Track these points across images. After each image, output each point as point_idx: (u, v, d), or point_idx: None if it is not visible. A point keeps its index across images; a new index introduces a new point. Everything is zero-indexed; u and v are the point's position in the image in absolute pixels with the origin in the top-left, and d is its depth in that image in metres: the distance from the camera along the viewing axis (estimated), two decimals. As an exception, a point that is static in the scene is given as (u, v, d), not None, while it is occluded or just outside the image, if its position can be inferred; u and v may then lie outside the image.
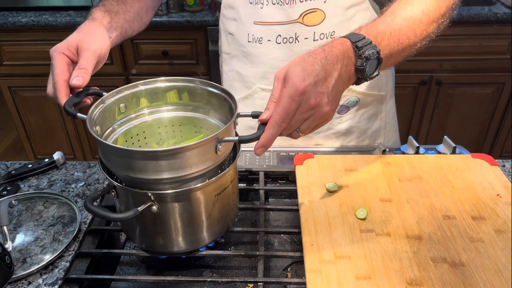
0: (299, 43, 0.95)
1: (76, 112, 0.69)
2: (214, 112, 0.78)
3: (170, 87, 0.78)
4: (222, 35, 1.06)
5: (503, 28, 1.92)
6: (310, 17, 0.92)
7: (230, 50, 1.05)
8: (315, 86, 0.62)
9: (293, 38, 0.94)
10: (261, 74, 1.01)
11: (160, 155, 0.61)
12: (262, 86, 1.03)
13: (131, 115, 0.78)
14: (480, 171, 0.83)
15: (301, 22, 0.92)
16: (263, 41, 0.97)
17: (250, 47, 0.99)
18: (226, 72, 1.09)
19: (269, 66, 0.99)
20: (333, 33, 0.94)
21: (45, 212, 0.80)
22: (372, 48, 0.67)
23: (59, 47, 0.75)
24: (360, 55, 0.67)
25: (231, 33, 1.02)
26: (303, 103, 0.62)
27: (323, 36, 0.94)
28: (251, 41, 0.98)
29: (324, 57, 0.65)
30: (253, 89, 1.04)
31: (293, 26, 0.93)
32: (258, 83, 1.03)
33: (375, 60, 0.68)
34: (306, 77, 0.61)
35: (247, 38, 0.98)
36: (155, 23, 1.94)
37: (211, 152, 0.63)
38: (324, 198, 0.77)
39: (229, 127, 0.65)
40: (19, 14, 2.02)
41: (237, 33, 1.00)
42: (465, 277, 0.62)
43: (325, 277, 0.62)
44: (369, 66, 0.68)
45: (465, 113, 2.17)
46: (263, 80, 1.02)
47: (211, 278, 0.69)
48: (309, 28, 0.94)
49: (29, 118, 2.26)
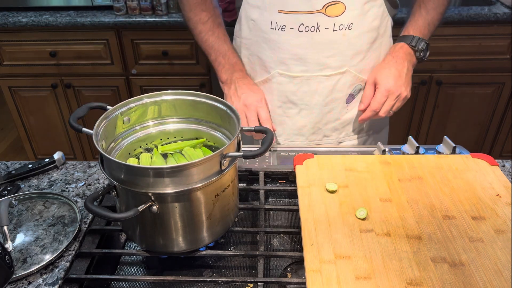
0: (320, 32, 1.00)
1: (81, 127, 0.71)
2: (217, 126, 0.80)
3: (174, 100, 0.79)
4: (243, 21, 1.10)
5: (503, 28, 1.92)
6: (332, 9, 0.98)
7: (250, 35, 1.09)
8: (395, 83, 1.02)
9: (315, 27, 1.00)
10: (280, 60, 1.06)
11: (165, 172, 0.62)
12: (280, 71, 1.07)
13: (136, 127, 0.79)
14: (480, 171, 0.83)
15: (323, 12, 0.98)
16: (286, 29, 1.02)
17: (272, 34, 1.04)
18: (246, 56, 1.13)
19: (289, 53, 1.04)
20: (351, 25, 1.01)
21: (45, 212, 0.80)
22: (421, 41, 1.06)
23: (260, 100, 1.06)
24: (416, 50, 1.07)
25: (253, 19, 1.06)
26: (390, 96, 1.02)
27: (342, 27, 1.00)
28: (273, 28, 1.03)
29: (395, 62, 1.05)
30: (271, 74, 1.08)
31: (316, 16, 0.99)
32: (277, 68, 1.07)
33: (426, 47, 1.07)
34: (389, 80, 1.02)
35: (270, 25, 1.03)
36: (155, 23, 1.94)
37: (216, 167, 0.65)
38: (324, 198, 0.77)
39: (233, 142, 0.67)
40: (19, 14, 2.02)
41: (260, 20, 1.05)
42: (465, 277, 0.62)
43: (325, 277, 0.62)
44: (423, 52, 1.07)
45: (465, 113, 2.17)
46: (282, 66, 1.06)
47: (211, 278, 0.69)
48: (330, 19, 0.99)
49: (29, 118, 2.26)
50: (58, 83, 2.13)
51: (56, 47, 2.04)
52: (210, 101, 0.77)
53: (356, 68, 1.06)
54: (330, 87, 1.06)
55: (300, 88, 1.06)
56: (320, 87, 1.06)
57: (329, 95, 1.07)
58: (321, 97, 1.07)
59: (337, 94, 1.07)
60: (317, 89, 1.06)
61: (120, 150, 0.77)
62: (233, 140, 0.67)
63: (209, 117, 0.80)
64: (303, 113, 1.10)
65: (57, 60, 2.07)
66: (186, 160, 0.77)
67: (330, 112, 1.10)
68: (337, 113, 1.10)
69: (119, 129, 0.76)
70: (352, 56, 1.04)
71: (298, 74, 1.05)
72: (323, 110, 1.09)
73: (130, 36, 2.01)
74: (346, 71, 1.05)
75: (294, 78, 1.06)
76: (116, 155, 0.76)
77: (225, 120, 0.77)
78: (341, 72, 1.05)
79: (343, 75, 1.05)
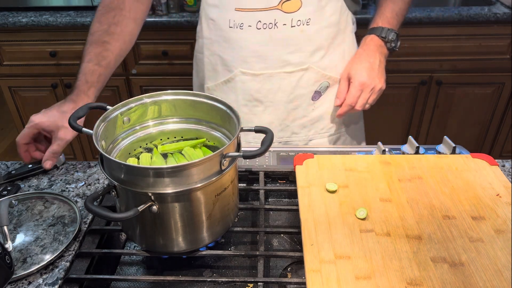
0: (278, 29, 1.01)
1: (81, 127, 0.71)
2: (217, 126, 0.80)
3: (174, 100, 0.79)
4: (203, 21, 1.10)
5: (503, 28, 1.92)
6: (288, 5, 0.99)
7: (211, 35, 1.09)
8: (368, 76, 1.02)
9: (272, 24, 1.00)
10: (241, 58, 1.06)
11: (165, 172, 0.62)
12: (242, 69, 1.07)
13: (136, 127, 0.79)
14: (480, 171, 0.83)
15: (279, 9, 0.99)
16: (244, 27, 1.02)
17: (231, 32, 1.04)
18: (207, 56, 1.13)
19: (249, 51, 1.04)
20: (309, 20, 1.01)
21: (45, 212, 0.80)
22: (391, 32, 1.06)
23: (39, 122, 0.90)
24: (387, 41, 1.07)
25: (212, 19, 1.06)
26: (365, 89, 1.02)
27: (300, 22, 1.01)
28: (232, 26, 1.03)
29: (366, 55, 1.05)
30: (234, 73, 1.08)
31: (272, 12, 0.99)
32: (239, 67, 1.07)
33: (396, 37, 1.07)
34: (362, 74, 1.02)
35: (228, 23, 1.03)
36: (155, 23, 1.94)
37: (216, 167, 0.65)
38: (324, 198, 0.77)
39: (233, 142, 0.67)
40: (19, 14, 2.02)
41: (219, 19, 1.05)
42: (465, 277, 0.62)
43: (325, 277, 0.62)
44: (394, 43, 1.07)
45: (465, 113, 2.17)
46: (244, 64, 1.06)
47: (211, 278, 0.69)
48: (287, 15, 1.00)
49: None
50: (58, 83, 2.13)
51: (56, 47, 2.04)
52: (210, 101, 0.77)
53: (319, 65, 1.06)
54: (293, 84, 1.07)
55: (263, 86, 1.07)
56: (283, 84, 1.06)
57: (293, 92, 1.07)
58: (284, 93, 1.07)
59: (301, 90, 1.08)
60: (280, 86, 1.07)
61: (120, 150, 0.77)
62: (233, 140, 0.67)
63: (209, 117, 0.80)
64: (268, 110, 1.10)
65: (57, 60, 2.07)
66: (186, 160, 0.78)
67: (296, 109, 1.10)
68: (303, 109, 1.11)
69: (119, 129, 0.76)
70: (313, 53, 1.05)
71: (260, 72, 1.06)
72: (288, 107, 1.09)
73: (130, 36, 2.00)
74: (309, 67, 1.05)
75: (256, 76, 1.06)
76: (116, 155, 0.76)
77: (225, 120, 0.77)
78: (303, 69, 1.05)
79: (305, 72, 1.06)
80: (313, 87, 1.09)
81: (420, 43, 1.97)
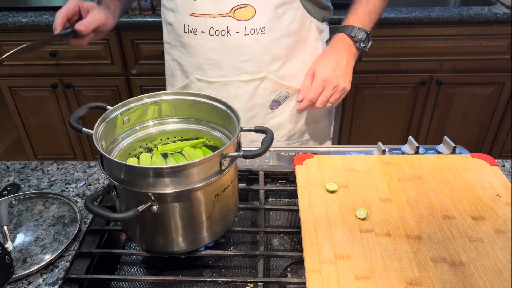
0: (231, 37, 0.98)
1: (81, 127, 0.71)
2: (217, 126, 0.80)
3: (174, 100, 0.79)
4: (163, 25, 1.09)
5: (503, 28, 1.92)
6: (241, 12, 0.96)
7: (170, 39, 1.08)
8: (332, 73, 0.97)
9: (225, 31, 0.97)
10: (196, 64, 1.04)
11: (165, 172, 0.62)
12: (198, 76, 1.05)
13: (136, 127, 0.79)
14: (480, 171, 0.83)
15: (232, 16, 0.96)
16: (197, 32, 1.00)
17: (186, 38, 1.02)
18: (168, 61, 1.12)
19: (204, 57, 1.02)
20: (264, 29, 0.97)
21: (45, 212, 0.80)
22: (361, 31, 1.00)
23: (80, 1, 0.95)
24: (356, 41, 1.01)
25: (170, 23, 1.05)
26: (327, 86, 0.97)
27: (254, 31, 0.97)
28: (187, 31, 1.01)
29: (334, 52, 0.99)
30: (190, 79, 1.07)
31: (225, 19, 0.97)
32: (195, 73, 1.05)
33: (366, 37, 1.01)
34: (326, 70, 0.97)
35: (183, 28, 1.01)
36: (155, 23, 1.94)
37: (216, 167, 0.65)
38: (324, 198, 0.77)
39: (233, 142, 0.67)
40: (19, 14, 2.02)
41: (175, 23, 1.03)
42: (465, 277, 0.62)
43: (325, 277, 0.62)
44: (364, 43, 1.01)
45: (465, 113, 2.17)
46: (199, 71, 1.05)
47: (211, 278, 0.69)
48: (240, 23, 0.97)
49: (29, 118, 2.26)
50: (58, 83, 2.13)
51: (56, 47, 2.04)
52: (210, 101, 0.77)
53: (277, 75, 1.03)
54: (250, 93, 1.04)
55: (219, 94, 1.04)
56: (240, 92, 1.04)
57: (250, 101, 1.05)
58: (242, 102, 1.05)
59: (259, 99, 1.05)
60: (237, 94, 1.04)
61: (120, 150, 0.77)
62: (233, 140, 0.67)
63: (209, 117, 0.80)
64: None
65: (57, 60, 2.07)
66: (186, 160, 0.78)
67: (254, 118, 1.08)
68: (262, 118, 1.08)
69: (119, 129, 0.76)
70: (270, 62, 1.01)
71: (215, 79, 1.03)
72: (246, 115, 1.07)
73: (130, 36, 2.00)
74: (265, 77, 1.02)
75: (211, 84, 1.04)
76: (116, 155, 0.76)
77: (225, 120, 0.77)
78: (259, 78, 1.02)
79: (262, 81, 1.03)
80: (271, 96, 1.06)
81: (420, 43, 1.97)
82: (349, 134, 2.25)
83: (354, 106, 2.15)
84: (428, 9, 1.92)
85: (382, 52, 1.97)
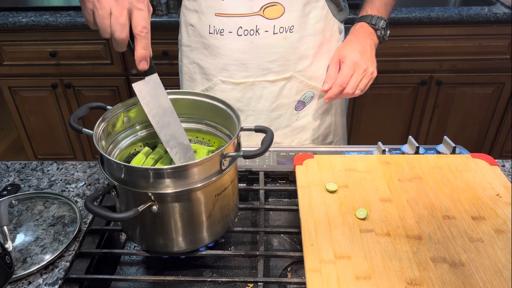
0: (260, 36, 0.97)
1: (81, 127, 0.70)
2: (217, 125, 0.80)
3: (175, 99, 0.78)
4: (182, 27, 1.07)
5: (503, 28, 1.92)
6: (270, 11, 0.95)
7: (190, 42, 1.06)
8: (361, 57, 0.96)
9: (254, 31, 0.97)
10: (221, 66, 1.02)
11: (165, 172, 0.62)
12: (222, 78, 1.04)
13: (136, 127, 0.79)
14: (480, 171, 0.83)
15: (261, 15, 0.96)
16: (224, 33, 0.98)
17: (211, 39, 1.01)
18: (186, 64, 1.10)
19: (230, 58, 1.01)
20: (292, 28, 0.97)
21: (45, 212, 0.80)
22: (381, 19, 1.02)
23: None
24: (377, 29, 1.02)
25: (192, 25, 1.03)
26: (357, 69, 0.95)
27: (282, 29, 0.97)
28: (212, 32, 1.00)
29: (357, 39, 1.00)
30: (213, 82, 1.05)
31: (254, 18, 0.96)
32: (219, 75, 1.04)
33: (386, 26, 1.03)
34: (354, 53, 0.96)
35: (208, 29, 1.00)
36: (155, 23, 1.94)
37: (216, 167, 0.65)
38: (324, 198, 0.77)
39: (233, 142, 0.67)
40: (19, 14, 2.02)
41: (198, 24, 1.01)
42: (465, 277, 0.62)
43: (325, 277, 0.62)
44: (384, 31, 1.03)
45: (465, 113, 2.17)
46: (224, 72, 1.03)
47: (211, 278, 0.69)
48: (269, 21, 0.96)
49: (29, 118, 2.26)
50: (58, 83, 2.13)
51: (56, 47, 2.04)
52: (210, 101, 0.77)
53: (303, 74, 1.03)
54: (275, 93, 1.03)
55: (244, 95, 1.03)
56: (265, 93, 1.03)
57: (275, 101, 1.05)
58: (267, 102, 1.04)
59: (284, 100, 1.05)
60: (262, 94, 1.03)
61: (120, 150, 0.77)
62: (233, 140, 0.67)
63: (209, 117, 0.80)
64: (250, 119, 1.07)
65: (57, 60, 2.07)
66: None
67: (279, 118, 1.07)
68: (287, 119, 1.08)
69: (119, 129, 0.76)
70: (297, 61, 1.01)
71: (241, 81, 1.02)
72: (271, 115, 1.06)
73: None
74: (292, 76, 1.02)
75: (237, 85, 1.03)
76: (116, 155, 0.76)
77: (225, 120, 0.77)
78: (285, 78, 1.02)
79: (289, 81, 1.03)
80: (297, 97, 1.05)
81: (420, 43, 1.97)
82: (349, 134, 2.25)
83: (354, 106, 2.16)
84: (428, 9, 1.92)
85: (382, 52, 1.96)
